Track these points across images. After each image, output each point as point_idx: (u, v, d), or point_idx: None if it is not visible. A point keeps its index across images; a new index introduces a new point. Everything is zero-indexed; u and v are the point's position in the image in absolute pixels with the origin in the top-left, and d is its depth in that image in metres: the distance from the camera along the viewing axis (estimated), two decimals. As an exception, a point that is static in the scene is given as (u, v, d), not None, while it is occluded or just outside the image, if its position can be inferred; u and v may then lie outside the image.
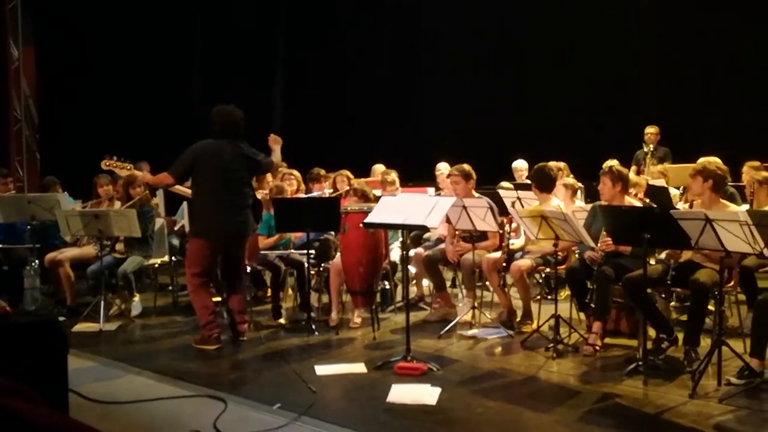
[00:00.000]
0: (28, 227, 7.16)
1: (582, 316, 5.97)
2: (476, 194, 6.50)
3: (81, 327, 6.42)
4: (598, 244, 5.42)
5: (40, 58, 11.90)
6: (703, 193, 5.12)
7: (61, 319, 6.40)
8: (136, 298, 7.04)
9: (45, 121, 11.99)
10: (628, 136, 9.74)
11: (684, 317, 5.69)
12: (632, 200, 5.67)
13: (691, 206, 5.29)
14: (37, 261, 7.01)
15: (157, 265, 7.39)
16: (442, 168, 8.69)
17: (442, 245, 6.76)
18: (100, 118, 11.47)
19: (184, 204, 7.15)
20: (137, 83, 11.73)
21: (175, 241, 7.80)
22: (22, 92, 11.54)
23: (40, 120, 11.98)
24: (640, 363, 4.79)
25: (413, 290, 7.21)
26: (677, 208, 6.16)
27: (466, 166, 6.60)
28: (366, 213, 5.73)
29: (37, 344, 3.88)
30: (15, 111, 11.39)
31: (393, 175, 7.71)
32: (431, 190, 8.47)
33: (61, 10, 11.57)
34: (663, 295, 5.45)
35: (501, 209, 6.52)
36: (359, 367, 5.10)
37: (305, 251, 6.36)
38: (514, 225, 7.15)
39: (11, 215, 7.07)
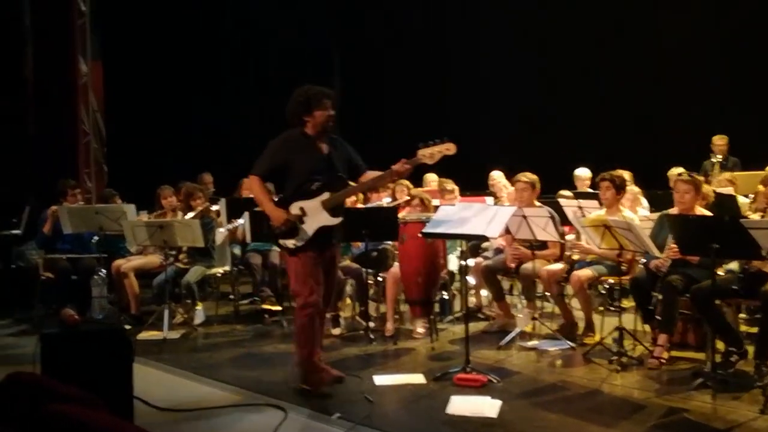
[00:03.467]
0: (96, 238, 7.35)
1: (647, 327, 5.82)
2: (537, 203, 6.42)
3: (145, 335, 6.57)
4: (664, 252, 5.27)
5: (107, 72, 12.26)
6: None
7: (127, 327, 6.55)
8: (199, 306, 7.15)
9: (112, 134, 12.35)
10: (689, 144, 9.47)
11: (754, 329, 5.50)
12: (703, 210, 5.51)
13: (764, 215, 5.12)
14: (104, 270, 7.20)
15: (219, 275, 7.51)
16: (497, 177, 8.59)
17: (501, 255, 6.68)
18: (165, 131, 11.76)
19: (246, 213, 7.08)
20: (201, 96, 11.99)
21: (237, 251, 7.90)
22: (90, 106, 11.89)
23: (107, 133, 12.35)
24: (709, 377, 4.64)
25: (472, 300, 7.16)
26: (746, 217, 5.96)
27: (533, 175, 6.52)
28: (424, 222, 5.70)
29: (104, 352, 3.99)
30: (83, 125, 11.74)
31: (452, 184, 7.67)
32: (490, 199, 8.36)
33: (129, 25, 11.92)
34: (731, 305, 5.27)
35: (560, 218, 6.40)
36: (418, 378, 5.08)
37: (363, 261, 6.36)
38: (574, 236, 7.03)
39: (79, 225, 7.27)
